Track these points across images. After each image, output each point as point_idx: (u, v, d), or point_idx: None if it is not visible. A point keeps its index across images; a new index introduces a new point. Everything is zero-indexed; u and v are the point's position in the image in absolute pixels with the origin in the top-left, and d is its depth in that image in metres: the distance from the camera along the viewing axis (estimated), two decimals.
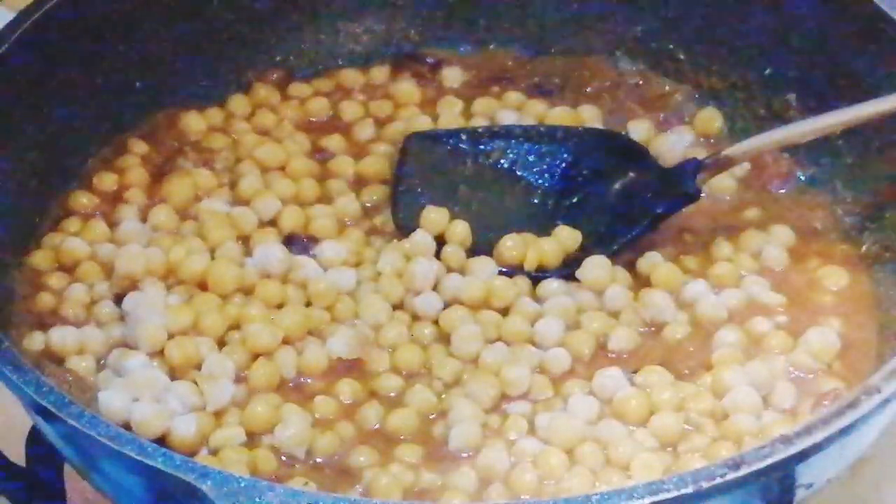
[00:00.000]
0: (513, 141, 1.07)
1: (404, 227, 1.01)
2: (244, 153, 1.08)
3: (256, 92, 1.14)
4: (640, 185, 1.02)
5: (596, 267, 0.97)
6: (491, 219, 1.03)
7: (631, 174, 1.03)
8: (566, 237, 1.00)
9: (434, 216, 1.01)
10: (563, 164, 1.05)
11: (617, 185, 1.03)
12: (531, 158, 1.06)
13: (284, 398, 0.90)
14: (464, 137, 1.08)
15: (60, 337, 0.92)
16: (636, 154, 1.05)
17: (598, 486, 0.83)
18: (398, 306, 0.96)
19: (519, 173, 1.06)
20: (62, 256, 0.98)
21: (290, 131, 1.10)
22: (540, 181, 1.05)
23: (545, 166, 1.06)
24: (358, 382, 0.91)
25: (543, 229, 1.01)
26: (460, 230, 1.00)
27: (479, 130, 1.08)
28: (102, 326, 0.94)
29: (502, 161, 1.06)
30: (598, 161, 1.04)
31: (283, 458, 0.86)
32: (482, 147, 1.07)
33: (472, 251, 0.99)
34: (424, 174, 1.06)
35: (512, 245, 0.99)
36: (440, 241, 1.00)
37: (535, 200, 1.04)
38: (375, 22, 1.18)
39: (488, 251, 0.99)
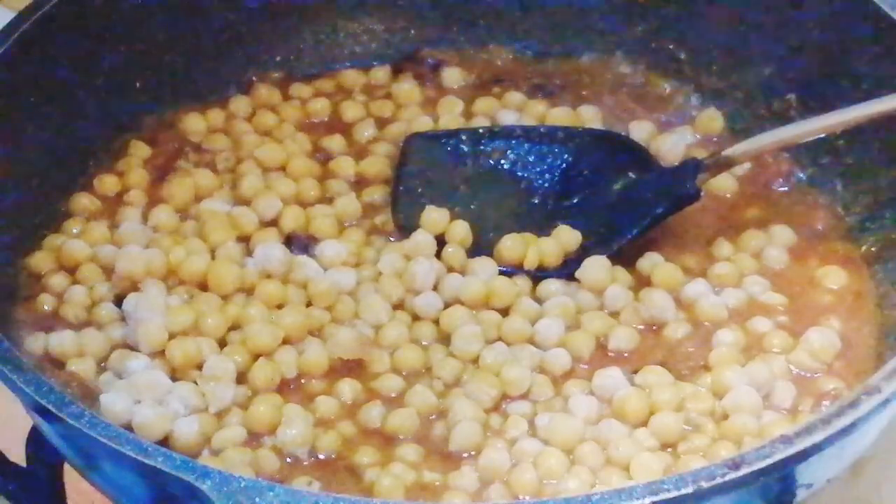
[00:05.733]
0: (513, 141, 1.07)
1: (404, 227, 1.01)
2: (245, 153, 1.08)
3: (257, 92, 1.14)
4: (640, 185, 1.02)
5: (596, 267, 0.97)
6: (491, 219, 1.03)
7: (631, 174, 1.03)
8: (566, 237, 1.00)
9: (434, 216, 1.01)
10: (564, 165, 1.05)
11: (617, 186, 1.03)
12: (531, 159, 1.06)
13: (286, 398, 0.90)
14: (464, 138, 1.08)
15: (59, 340, 0.92)
16: (636, 154, 1.05)
17: (598, 486, 0.83)
18: (398, 306, 0.96)
19: (519, 173, 1.06)
20: (63, 258, 0.98)
21: (290, 132, 1.10)
22: (540, 181, 1.05)
23: (545, 167, 1.06)
24: (358, 382, 0.91)
25: (543, 229, 1.01)
26: (460, 230, 1.00)
27: (480, 131, 1.08)
28: (103, 328, 0.94)
29: (502, 161, 1.07)
30: (599, 161, 1.04)
31: (288, 459, 0.87)
32: (482, 147, 1.07)
33: (473, 251, 0.99)
34: (425, 174, 1.06)
35: (512, 245, 0.99)
36: (440, 241, 1.00)
37: (535, 200, 1.04)
38: (375, 22, 1.18)
39: (488, 251, 0.99)
